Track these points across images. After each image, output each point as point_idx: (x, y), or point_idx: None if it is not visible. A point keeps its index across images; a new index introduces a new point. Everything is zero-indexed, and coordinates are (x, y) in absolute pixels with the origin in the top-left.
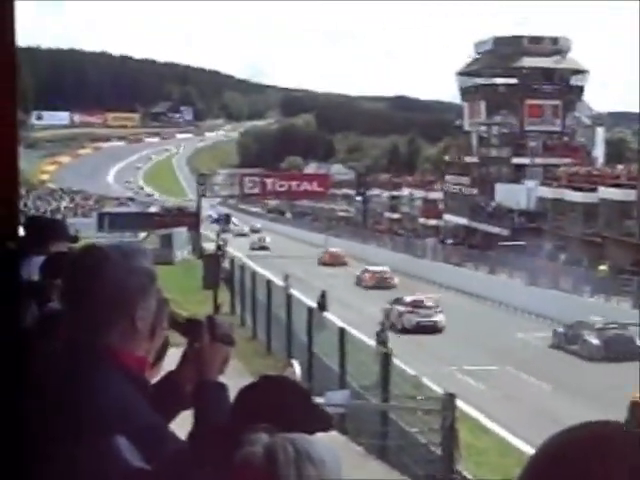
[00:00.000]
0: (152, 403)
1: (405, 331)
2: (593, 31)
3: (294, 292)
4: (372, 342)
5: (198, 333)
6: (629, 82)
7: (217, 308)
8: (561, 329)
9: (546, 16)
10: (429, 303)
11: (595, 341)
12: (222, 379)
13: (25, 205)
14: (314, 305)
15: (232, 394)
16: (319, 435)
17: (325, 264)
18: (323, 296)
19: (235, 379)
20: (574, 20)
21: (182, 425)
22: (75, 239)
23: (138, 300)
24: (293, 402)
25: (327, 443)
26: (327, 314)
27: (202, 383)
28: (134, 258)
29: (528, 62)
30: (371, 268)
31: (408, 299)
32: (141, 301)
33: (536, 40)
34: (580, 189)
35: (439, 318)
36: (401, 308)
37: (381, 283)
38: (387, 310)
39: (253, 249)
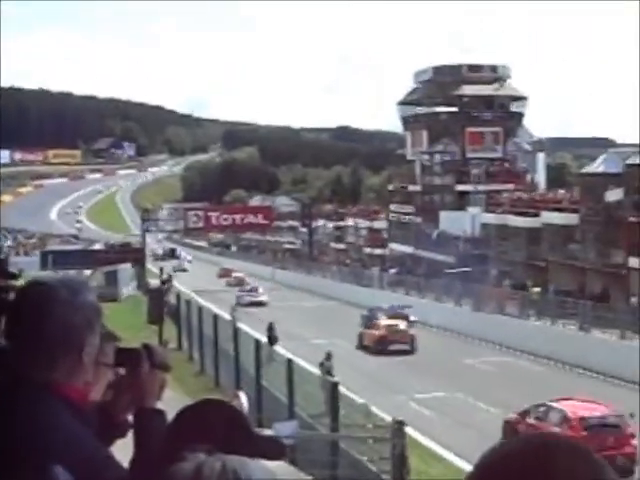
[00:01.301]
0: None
1: (243, 305)
2: (532, 57)
3: (242, 325)
4: (318, 372)
5: (136, 361)
6: (568, 108)
7: (164, 344)
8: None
9: (484, 45)
10: (260, 290)
11: None
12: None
13: None
14: (262, 338)
15: None
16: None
17: (222, 277)
18: (271, 329)
19: None
20: (512, 47)
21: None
22: (17, 276)
23: (86, 336)
24: (231, 426)
25: (271, 469)
26: (276, 347)
27: (142, 410)
28: (80, 293)
29: (468, 90)
30: (234, 274)
31: (247, 287)
32: (88, 337)
33: (475, 68)
34: (523, 214)
35: (264, 298)
36: (241, 292)
37: (240, 282)
38: (237, 295)
39: (175, 271)
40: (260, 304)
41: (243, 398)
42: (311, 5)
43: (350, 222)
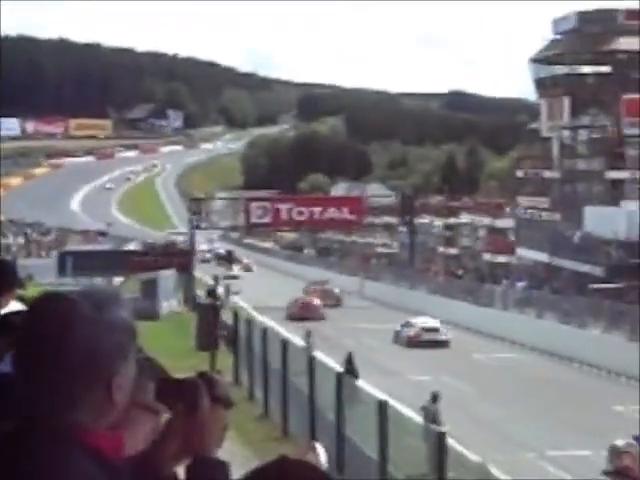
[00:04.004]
0: None
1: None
2: None
3: (319, 354)
4: (420, 418)
5: (194, 395)
6: None
7: None
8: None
9: None
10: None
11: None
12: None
13: None
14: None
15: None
16: None
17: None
18: (350, 360)
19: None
20: None
21: None
22: (23, 285)
23: (115, 364)
24: None
25: None
26: (361, 382)
27: (200, 461)
28: (109, 309)
29: (625, 44)
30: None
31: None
32: (119, 365)
33: (635, 15)
34: None
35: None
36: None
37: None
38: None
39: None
40: (234, 277)
41: (321, 452)
42: None
43: (465, 219)
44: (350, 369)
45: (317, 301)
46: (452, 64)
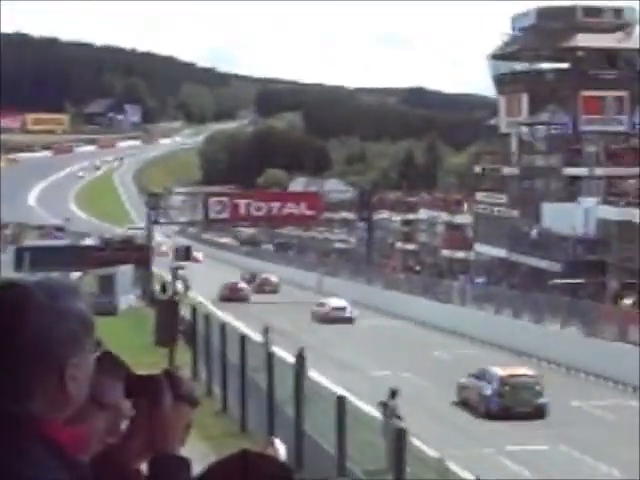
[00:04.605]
0: None
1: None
2: None
3: (277, 349)
4: (379, 414)
5: (156, 392)
6: None
7: None
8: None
9: None
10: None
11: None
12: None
13: None
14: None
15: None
16: None
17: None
18: (301, 356)
19: (201, 467)
20: None
21: None
22: None
23: (68, 354)
24: None
25: None
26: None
27: (161, 458)
28: (64, 298)
29: (583, 41)
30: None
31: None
32: (72, 355)
33: (594, 12)
34: None
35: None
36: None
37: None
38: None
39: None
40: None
41: (280, 447)
42: None
43: (423, 215)
44: (301, 363)
45: (243, 285)
46: (411, 60)
